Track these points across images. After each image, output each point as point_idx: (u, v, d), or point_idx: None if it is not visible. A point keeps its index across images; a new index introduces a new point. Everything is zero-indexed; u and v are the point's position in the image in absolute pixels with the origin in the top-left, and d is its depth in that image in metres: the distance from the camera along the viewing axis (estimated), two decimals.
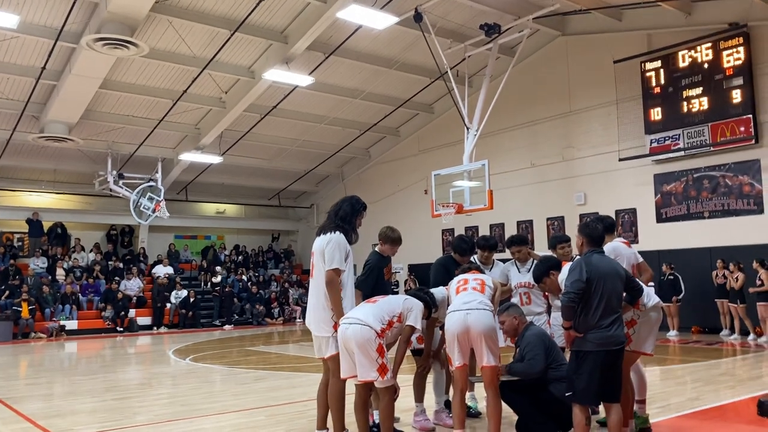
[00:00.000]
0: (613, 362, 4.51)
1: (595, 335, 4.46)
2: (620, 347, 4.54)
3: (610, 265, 4.65)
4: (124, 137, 19.38)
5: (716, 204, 14.87)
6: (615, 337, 4.48)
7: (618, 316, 4.56)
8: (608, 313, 4.49)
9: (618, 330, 4.51)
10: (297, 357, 12.34)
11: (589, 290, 4.48)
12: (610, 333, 4.46)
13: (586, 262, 4.59)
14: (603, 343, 4.45)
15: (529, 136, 18.47)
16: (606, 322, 4.46)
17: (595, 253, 4.70)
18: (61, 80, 15.84)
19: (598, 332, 4.45)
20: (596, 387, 4.47)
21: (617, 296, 4.59)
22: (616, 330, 4.50)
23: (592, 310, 4.48)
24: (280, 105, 18.64)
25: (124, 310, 19.51)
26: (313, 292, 5.12)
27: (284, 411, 6.87)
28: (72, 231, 22.25)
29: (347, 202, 5.28)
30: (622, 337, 4.55)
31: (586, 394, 4.49)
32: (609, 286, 4.53)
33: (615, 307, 4.55)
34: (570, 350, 4.63)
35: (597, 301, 4.48)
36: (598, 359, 4.45)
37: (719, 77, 14.57)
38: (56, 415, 6.94)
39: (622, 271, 4.69)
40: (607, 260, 4.71)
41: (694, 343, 13.14)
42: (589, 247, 4.76)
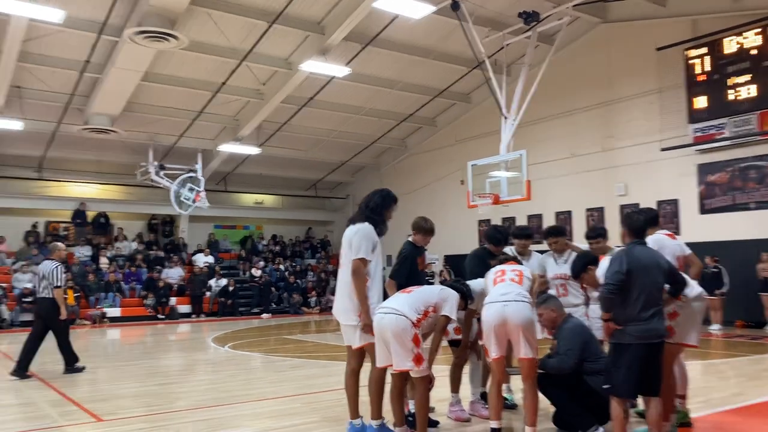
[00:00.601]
0: (653, 355, 4.43)
1: (635, 328, 4.39)
2: (660, 340, 4.45)
3: (651, 257, 4.56)
4: (165, 129, 19.74)
5: (763, 195, 14.43)
6: (655, 330, 4.40)
7: (659, 308, 4.47)
8: (649, 305, 4.41)
9: (658, 323, 4.43)
10: (333, 346, 12.45)
11: (629, 282, 4.41)
12: (650, 326, 4.38)
13: (627, 253, 4.52)
14: (643, 336, 4.38)
15: (569, 126, 18.18)
16: (646, 315, 4.39)
17: (637, 245, 4.62)
18: (104, 73, 16.20)
19: (638, 325, 4.38)
20: (635, 380, 4.41)
21: (658, 288, 4.50)
22: (657, 323, 4.42)
23: (631, 301, 4.41)
24: (317, 96, 18.73)
25: (165, 298, 19.94)
26: (341, 281, 5.17)
27: (320, 399, 6.95)
28: (114, 220, 22.81)
29: (378, 194, 5.31)
30: (662, 330, 4.47)
31: (625, 387, 4.43)
32: (650, 279, 4.45)
33: (656, 300, 4.47)
34: (609, 342, 4.57)
35: (637, 293, 4.41)
36: (637, 352, 4.38)
37: (767, 64, 14.10)
38: (101, 400, 7.16)
39: (664, 263, 4.60)
40: (649, 252, 4.62)
41: (738, 337, 12.82)
42: (631, 238, 4.69)
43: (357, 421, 5.14)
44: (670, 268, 4.63)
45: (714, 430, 5.45)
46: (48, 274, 8.83)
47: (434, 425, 5.45)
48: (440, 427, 5.51)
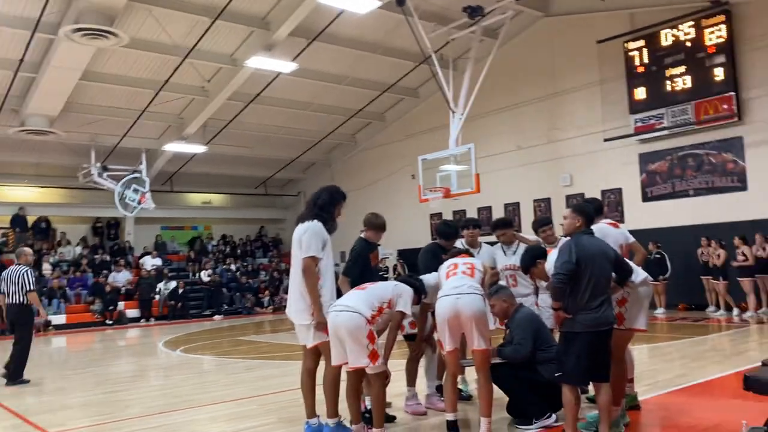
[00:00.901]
0: (602, 343, 4.53)
1: (585, 317, 4.46)
2: (609, 328, 4.55)
3: (599, 247, 4.64)
4: (107, 129, 19.15)
5: (701, 182, 14.99)
6: (604, 318, 4.49)
7: (607, 297, 4.56)
8: (597, 294, 4.49)
9: (607, 311, 4.52)
10: (288, 345, 12.34)
11: (579, 271, 4.48)
12: (599, 314, 4.46)
13: (576, 243, 4.59)
14: (592, 324, 4.46)
15: (515, 119, 18.48)
16: (595, 304, 4.47)
17: (585, 234, 4.69)
18: (40, 72, 15.61)
19: (588, 314, 4.46)
20: (585, 368, 4.49)
21: (606, 277, 4.60)
22: (606, 311, 4.51)
23: (581, 291, 4.48)
24: (264, 92, 18.50)
25: (112, 303, 19.41)
26: (293, 280, 5.14)
27: (276, 400, 6.89)
28: (57, 225, 22.06)
29: (326, 191, 5.29)
30: (611, 318, 4.57)
31: (576, 374, 4.51)
32: (598, 268, 4.53)
33: (604, 289, 4.56)
34: (559, 331, 4.65)
35: (586, 283, 4.48)
36: (586, 340, 4.46)
37: (701, 55, 14.63)
38: (47, 411, 6.92)
39: (611, 252, 4.68)
40: (596, 241, 4.70)
41: (681, 320, 13.30)
42: (584, 227, 4.74)
43: (314, 420, 5.12)
44: (616, 257, 4.72)
45: (661, 411, 5.63)
46: (17, 279, 8.75)
47: (391, 420, 5.47)
48: (397, 421, 5.53)
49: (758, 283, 13.22)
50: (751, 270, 13.11)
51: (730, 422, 4.89)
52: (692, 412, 5.48)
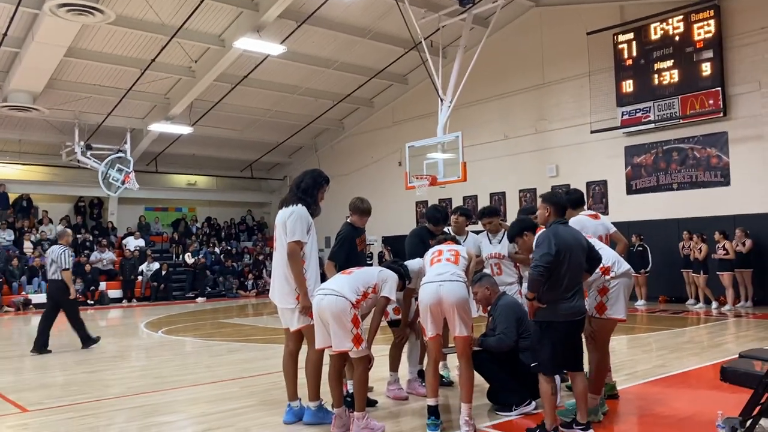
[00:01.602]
0: (576, 332, 4.59)
1: (560, 306, 4.47)
2: (582, 317, 4.61)
3: (574, 237, 4.65)
4: (92, 107, 18.92)
5: (684, 176, 15.12)
6: (577, 308, 4.52)
7: (580, 287, 4.60)
8: (572, 284, 4.51)
9: (579, 301, 4.56)
10: (271, 329, 12.34)
11: (557, 262, 4.49)
12: (572, 304, 4.49)
13: (554, 234, 4.57)
14: (567, 314, 4.48)
15: (503, 108, 18.50)
16: (569, 294, 4.49)
17: (561, 224, 4.68)
18: (23, 48, 15.36)
19: (562, 303, 4.47)
20: (560, 357, 4.52)
21: (581, 268, 4.62)
22: (579, 301, 4.55)
23: (559, 281, 4.48)
24: (252, 75, 18.34)
25: (94, 283, 19.26)
26: (277, 264, 5.12)
27: (258, 382, 6.89)
28: (39, 203, 21.79)
29: (309, 175, 5.27)
30: (584, 308, 4.63)
31: (550, 364, 4.53)
32: (575, 258, 4.54)
33: (579, 279, 4.60)
34: (533, 321, 4.66)
35: (564, 273, 4.49)
36: (561, 330, 4.48)
37: (690, 50, 14.72)
38: (27, 389, 6.87)
39: (584, 242, 4.69)
40: (572, 231, 4.70)
41: (661, 312, 13.47)
42: (555, 217, 4.73)
43: (295, 403, 5.14)
44: (588, 246, 4.73)
45: (639, 400, 5.70)
46: (57, 258, 9.53)
47: (372, 404, 5.50)
48: (378, 406, 5.56)
49: (737, 277, 13.41)
50: (730, 264, 13.28)
51: (706, 412, 4.97)
52: (669, 402, 5.56)
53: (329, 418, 4.88)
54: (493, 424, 4.97)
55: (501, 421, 5.04)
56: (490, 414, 5.24)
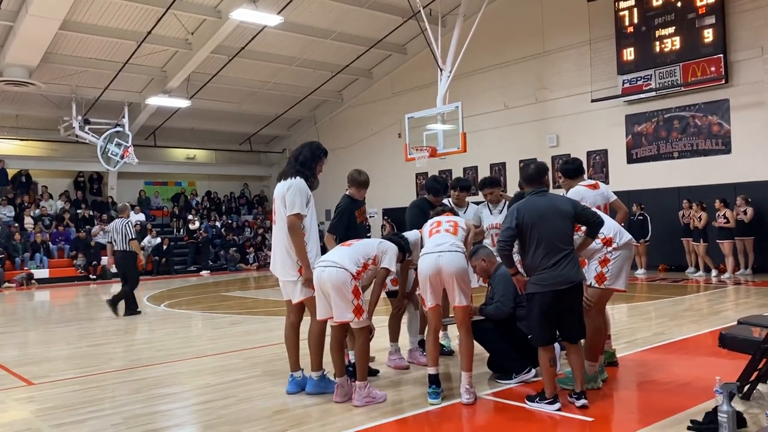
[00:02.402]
0: (564, 302, 4.45)
1: (539, 276, 4.44)
2: (569, 286, 4.43)
3: (550, 205, 4.53)
4: (89, 81, 18.77)
5: (685, 144, 15.06)
6: (561, 276, 4.39)
7: (565, 254, 4.44)
8: (552, 253, 4.41)
9: (566, 269, 4.41)
10: (273, 301, 12.42)
11: (524, 234, 4.47)
12: (555, 273, 4.39)
13: (519, 207, 4.56)
14: (548, 284, 4.40)
15: (503, 78, 18.34)
16: (550, 263, 4.40)
17: (533, 195, 4.63)
18: (17, 21, 15.18)
19: (542, 273, 4.43)
20: (546, 328, 4.48)
21: (560, 235, 4.47)
22: (564, 269, 4.40)
23: (531, 252, 4.47)
24: (249, 46, 18.16)
25: (95, 258, 19.34)
26: (277, 237, 5.12)
27: (260, 353, 6.95)
28: (38, 179, 21.77)
29: (307, 147, 5.23)
30: (572, 276, 4.43)
31: (537, 335, 4.53)
32: (547, 227, 4.44)
33: (560, 247, 4.44)
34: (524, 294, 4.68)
35: (535, 244, 4.45)
36: (545, 300, 4.43)
37: (692, 16, 14.54)
38: (31, 363, 6.93)
39: (567, 208, 4.55)
40: (545, 200, 4.58)
41: (661, 280, 13.52)
42: (528, 188, 4.72)
43: (298, 373, 5.18)
44: (578, 212, 4.58)
45: (638, 367, 5.75)
46: (121, 230, 10.52)
47: (374, 374, 5.55)
48: (380, 375, 5.61)
49: (737, 245, 13.44)
50: (731, 232, 13.30)
51: (704, 378, 5.01)
52: (668, 369, 5.61)
53: (331, 388, 4.94)
54: (494, 392, 5.02)
55: (501, 389, 5.09)
56: (490, 382, 5.29)
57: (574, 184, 5.66)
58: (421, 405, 4.71)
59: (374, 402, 4.75)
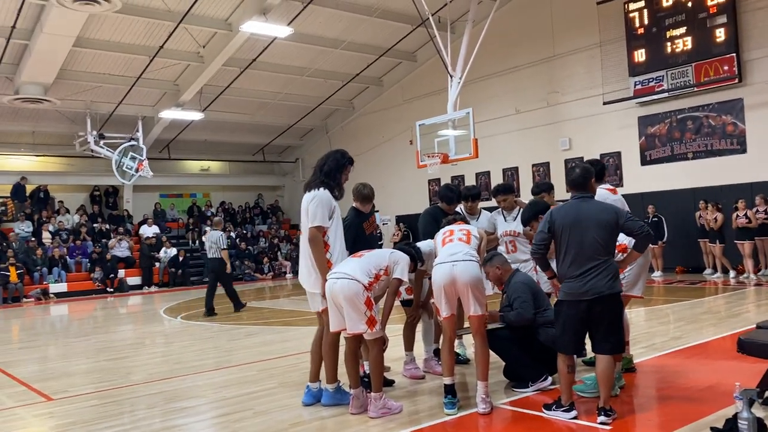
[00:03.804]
0: (593, 313, 4.33)
1: (566, 285, 4.42)
2: (596, 297, 4.30)
3: (588, 212, 4.41)
4: (103, 96, 19.00)
5: (700, 145, 14.93)
6: (588, 287, 4.29)
7: (596, 264, 4.31)
8: (580, 262, 4.33)
9: (594, 280, 4.29)
10: (288, 311, 12.46)
11: (556, 240, 4.44)
12: (581, 283, 4.31)
13: (553, 211, 4.53)
14: (573, 293, 4.35)
15: (513, 82, 18.31)
16: (576, 272, 4.33)
17: (574, 200, 4.54)
18: (32, 39, 15.41)
19: (569, 282, 4.39)
20: (571, 337, 4.42)
21: (593, 244, 4.33)
22: (592, 280, 4.29)
23: (561, 259, 4.43)
24: (260, 58, 18.28)
25: (113, 271, 19.51)
26: (303, 249, 5.14)
27: (277, 365, 6.97)
28: (55, 193, 22.02)
29: (332, 157, 5.22)
30: (600, 288, 4.30)
31: (561, 343, 4.49)
32: (578, 235, 4.35)
33: (591, 256, 4.33)
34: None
35: (564, 251, 4.41)
36: (570, 309, 4.38)
37: (703, 16, 14.44)
38: (51, 378, 7.00)
39: (608, 217, 4.40)
40: (585, 206, 4.46)
41: (678, 282, 13.39)
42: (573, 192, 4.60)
43: (315, 384, 5.18)
44: (621, 222, 4.41)
45: (656, 373, 5.70)
46: (216, 241, 12.10)
47: (389, 384, 5.54)
48: (395, 385, 5.60)
49: (758, 246, 13.27)
50: (750, 233, 13.14)
51: (723, 384, 4.96)
52: (687, 374, 5.55)
53: (347, 399, 4.94)
54: (510, 400, 4.99)
55: (517, 397, 5.07)
56: (506, 391, 5.26)
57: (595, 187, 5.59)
58: (437, 415, 4.70)
59: (390, 413, 4.74)
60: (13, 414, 5.52)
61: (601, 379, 4.38)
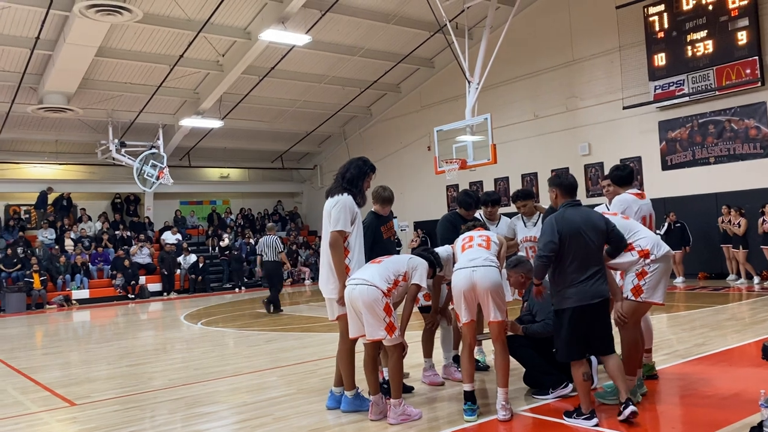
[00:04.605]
0: (596, 316, 4.46)
1: (572, 290, 4.42)
2: (600, 300, 4.47)
3: (586, 219, 4.55)
4: (124, 105, 19.27)
5: (722, 149, 14.75)
6: (594, 290, 4.42)
7: (598, 269, 4.49)
8: (585, 267, 4.43)
9: (597, 284, 4.45)
10: (307, 317, 12.49)
11: (562, 248, 4.44)
12: (587, 287, 4.41)
13: (558, 219, 4.52)
14: (580, 298, 4.41)
15: (532, 88, 18.24)
16: (583, 277, 4.41)
17: (570, 207, 4.61)
18: (56, 50, 15.68)
19: (575, 287, 4.41)
20: (576, 342, 4.44)
21: (593, 249, 4.51)
22: (595, 284, 4.44)
23: (566, 266, 4.44)
24: (279, 66, 18.42)
25: (134, 277, 19.71)
26: (324, 254, 5.16)
27: (295, 371, 6.98)
28: (77, 201, 22.34)
29: (354, 164, 5.24)
30: (603, 291, 4.49)
31: (566, 350, 4.49)
32: (583, 241, 4.44)
33: (593, 261, 4.48)
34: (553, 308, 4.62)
35: (570, 258, 4.43)
36: (576, 315, 4.42)
37: (724, 19, 14.29)
38: (74, 384, 7.09)
39: (600, 223, 4.58)
40: (582, 213, 4.59)
41: (701, 288, 13.21)
42: (564, 198, 4.69)
43: (338, 389, 5.18)
44: (608, 229, 4.62)
45: (678, 380, 5.62)
46: (271, 244, 13.15)
47: (409, 390, 5.53)
48: (415, 392, 5.59)
49: None
50: None
51: (748, 391, 4.88)
52: (710, 381, 5.47)
53: (366, 406, 4.94)
54: (531, 407, 4.96)
55: (538, 404, 5.03)
56: (527, 398, 5.22)
57: (622, 192, 5.56)
58: (457, 422, 4.68)
59: (410, 419, 4.73)
60: (38, 419, 5.60)
61: (617, 375, 4.45)
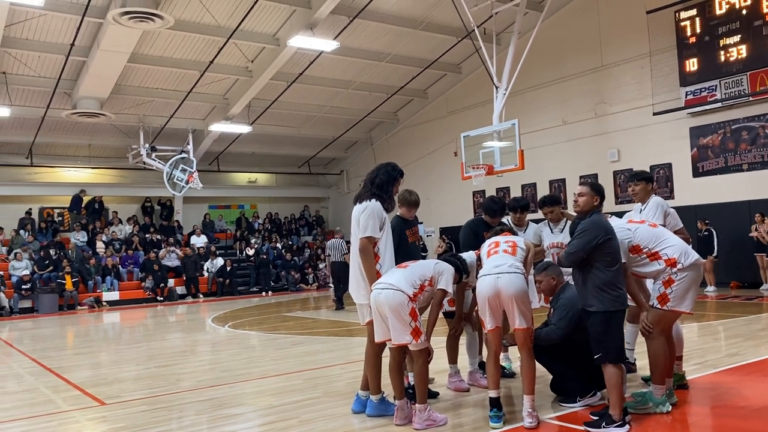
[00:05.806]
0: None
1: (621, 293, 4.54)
2: None
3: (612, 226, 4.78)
4: (155, 110, 19.60)
5: (755, 155, 14.46)
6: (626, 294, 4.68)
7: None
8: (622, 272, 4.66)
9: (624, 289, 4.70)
10: (333, 321, 12.53)
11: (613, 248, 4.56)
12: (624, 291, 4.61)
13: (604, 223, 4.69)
14: (625, 301, 4.61)
15: (560, 93, 18.10)
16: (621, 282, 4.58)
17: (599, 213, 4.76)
18: (90, 56, 16.02)
19: (620, 291, 4.53)
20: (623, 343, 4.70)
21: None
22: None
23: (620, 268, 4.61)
24: (307, 72, 18.57)
25: (163, 280, 19.98)
26: (354, 260, 5.17)
27: (322, 374, 7.01)
28: (108, 204, 22.76)
29: (383, 169, 5.25)
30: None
31: (618, 350, 4.54)
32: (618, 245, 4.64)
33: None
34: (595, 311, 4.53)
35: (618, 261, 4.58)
36: (622, 317, 4.61)
37: (758, 23, 14.02)
38: (103, 383, 7.21)
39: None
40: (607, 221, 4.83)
41: (733, 298, 12.94)
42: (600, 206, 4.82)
43: (364, 393, 5.18)
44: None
45: (710, 390, 5.52)
46: (338, 247, 14.41)
47: (434, 396, 5.51)
48: (440, 398, 5.57)
49: None
50: None
51: None
52: (743, 392, 5.36)
53: (391, 410, 4.93)
54: (557, 415, 4.90)
55: (565, 412, 4.97)
56: (553, 405, 5.17)
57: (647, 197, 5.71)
58: (482, 429, 4.65)
59: (435, 425, 4.71)
60: (69, 417, 5.70)
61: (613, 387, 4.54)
